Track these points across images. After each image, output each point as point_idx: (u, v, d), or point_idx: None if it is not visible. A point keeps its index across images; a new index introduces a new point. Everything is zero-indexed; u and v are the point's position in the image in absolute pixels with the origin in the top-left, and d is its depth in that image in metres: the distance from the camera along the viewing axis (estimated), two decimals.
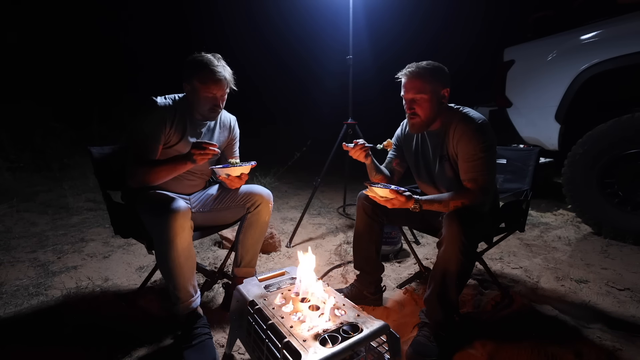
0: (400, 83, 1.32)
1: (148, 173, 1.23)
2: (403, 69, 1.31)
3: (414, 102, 1.28)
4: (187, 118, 1.36)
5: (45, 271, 1.81)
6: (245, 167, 1.25)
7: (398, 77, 1.32)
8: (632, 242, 2.22)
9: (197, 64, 1.26)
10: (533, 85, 2.74)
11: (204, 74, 1.25)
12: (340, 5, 2.46)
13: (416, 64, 1.29)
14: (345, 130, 2.50)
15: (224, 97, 1.35)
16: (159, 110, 1.29)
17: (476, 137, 1.21)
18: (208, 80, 1.25)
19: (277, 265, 1.98)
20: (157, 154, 1.29)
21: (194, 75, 1.26)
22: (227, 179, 1.28)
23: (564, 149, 2.60)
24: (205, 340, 1.15)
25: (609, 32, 2.28)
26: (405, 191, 1.16)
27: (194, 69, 1.26)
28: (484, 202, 1.22)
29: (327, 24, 6.16)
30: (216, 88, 1.27)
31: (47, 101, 5.03)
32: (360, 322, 0.88)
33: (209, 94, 1.27)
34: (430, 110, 1.27)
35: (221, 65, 1.29)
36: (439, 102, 1.28)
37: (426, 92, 1.25)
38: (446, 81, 1.29)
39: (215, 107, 1.31)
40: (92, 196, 3.28)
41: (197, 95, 1.29)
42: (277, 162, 4.15)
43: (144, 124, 1.27)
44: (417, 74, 1.26)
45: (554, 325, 1.35)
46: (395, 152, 1.58)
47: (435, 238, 1.27)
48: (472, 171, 1.22)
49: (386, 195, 1.16)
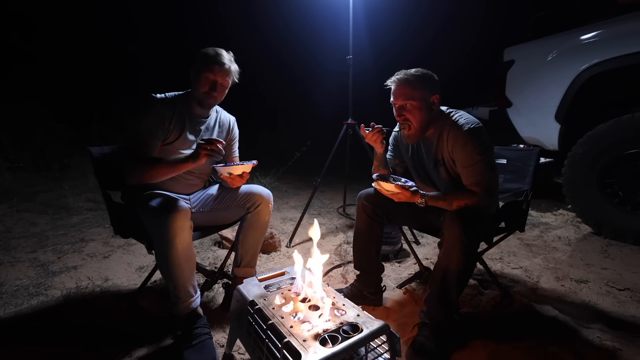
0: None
1: (147, 171, 1.23)
2: (392, 76, 1.32)
3: (404, 109, 1.29)
4: (186, 115, 1.36)
5: (45, 271, 1.81)
6: (247, 165, 1.26)
7: (387, 84, 1.33)
8: (632, 242, 2.22)
9: (209, 51, 1.32)
10: (533, 85, 2.74)
11: (210, 57, 1.30)
12: (340, 5, 2.46)
13: (404, 72, 1.30)
14: (345, 130, 2.50)
15: (223, 88, 1.36)
16: (157, 107, 1.29)
17: (470, 142, 1.21)
18: (212, 62, 1.29)
19: (277, 265, 1.98)
20: (155, 151, 1.29)
21: (201, 59, 1.31)
22: (229, 178, 1.28)
23: (564, 149, 2.60)
24: (205, 340, 1.15)
25: (609, 32, 2.28)
26: (412, 186, 1.18)
27: (204, 54, 1.31)
28: (489, 204, 1.23)
29: (327, 24, 6.16)
30: (218, 71, 1.30)
31: (47, 101, 5.03)
32: (360, 322, 0.88)
33: (209, 75, 1.30)
34: (420, 117, 1.28)
35: (229, 58, 1.34)
36: (429, 108, 1.29)
37: (415, 98, 1.26)
38: (435, 88, 1.29)
39: (211, 91, 1.32)
40: (92, 196, 3.28)
41: (198, 76, 1.31)
42: (277, 162, 4.15)
43: (142, 121, 1.27)
44: (406, 81, 1.28)
45: (554, 325, 1.35)
46: (394, 152, 1.58)
47: (435, 238, 1.27)
48: (473, 175, 1.22)
49: (392, 190, 1.17)
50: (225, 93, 1.39)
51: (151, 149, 1.28)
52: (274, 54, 8.47)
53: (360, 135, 1.53)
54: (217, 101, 1.38)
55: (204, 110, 1.40)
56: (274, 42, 8.22)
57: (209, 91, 1.32)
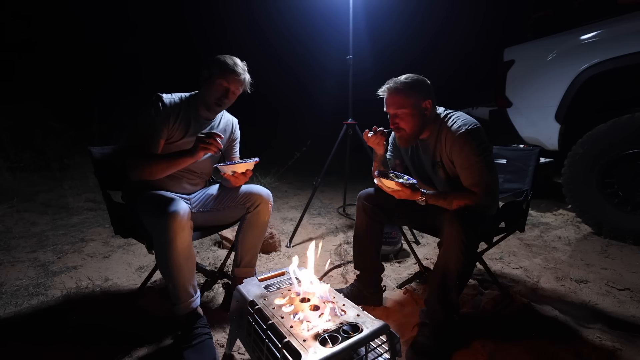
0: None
1: (150, 165, 1.24)
2: (383, 85, 1.33)
3: (397, 117, 1.30)
4: (192, 116, 1.38)
5: (45, 271, 1.81)
6: (250, 163, 1.27)
7: (379, 94, 1.34)
8: (632, 242, 2.22)
9: (226, 59, 1.35)
10: (533, 85, 2.74)
11: (227, 66, 1.33)
12: (340, 5, 2.46)
13: (394, 80, 1.31)
14: (345, 130, 2.50)
15: (234, 97, 1.39)
16: (164, 105, 1.32)
17: (467, 144, 1.22)
18: (229, 70, 1.32)
19: (277, 265, 1.98)
20: (159, 148, 1.31)
21: (216, 64, 1.33)
22: (233, 176, 1.29)
23: (564, 149, 2.60)
24: (205, 340, 1.15)
25: (609, 32, 2.28)
26: (413, 184, 1.20)
27: (222, 62, 1.33)
28: (489, 205, 1.23)
29: (327, 24, 6.16)
30: (233, 81, 1.34)
31: (47, 101, 5.03)
32: (360, 322, 0.88)
33: (224, 83, 1.33)
34: (413, 124, 1.29)
35: (244, 68, 1.38)
36: (422, 114, 1.30)
37: (407, 106, 1.27)
38: (426, 93, 1.30)
39: (222, 98, 1.35)
40: (92, 196, 3.28)
41: (211, 82, 1.33)
42: (277, 162, 4.15)
43: (148, 117, 1.29)
44: (396, 89, 1.29)
45: (554, 325, 1.35)
46: (393, 152, 1.59)
47: (435, 238, 1.27)
48: (472, 176, 1.23)
49: (393, 187, 1.19)
50: (233, 101, 1.41)
51: (155, 146, 1.29)
52: (274, 54, 8.48)
53: (361, 136, 1.53)
54: (225, 107, 1.42)
55: (211, 114, 1.42)
56: (274, 42, 8.23)
57: (220, 97, 1.35)
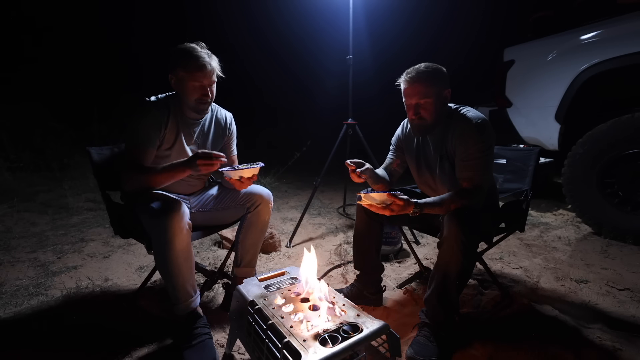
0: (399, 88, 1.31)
1: (146, 179, 1.21)
2: (402, 74, 1.30)
3: (420, 107, 1.27)
4: (179, 117, 1.32)
5: (45, 271, 1.81)
6: (256, 168, 1.24)
7: (398, 83, 1.31)
8: (632, 242, 2.22)
9: (180, 52, 1.22)
10: (533, 85, 2.74)
11: (187, 61, 1.21)
12: (340, 5, 2.46)
13: (415, 69, 1.27)
14: (345, 130, 2.50)
15: (212, 87, 1.29)
16: (153, 113, 1.26)
17: (474, 137, 1.21)
18: (192, 66, 1.20)
19: (277, 265, 1.98)
20: (152, 158, 1.28)
21: (178, 64, 1.22)
22: (239, 181, 1.24)
23: (564, 149, 2.60)
24: (205, 340, 1.15)
25: (609, 32, 2.28)
26: (407, 198, 1.12)
27: (178, 58, 1.22)
28: (478, 201, 1.23)
29: (327, 24, 6.17)
30: (202, 75, 1.22)
31: (47, 101, 5.03)
32: (360, 322, 0.88)
33: (195, 82, 1.22)
34: (435, 113, 1.28)
35: (205, 52, 1.24)
36: (443, 103, 1.29)
37: (430, 95, 1.25)
38: (446, 82, 1.29)
39: (203, 97, 1.26)
40: (92, 196, 3.28)
41: (183, 85, 1.24)
42: (277, 162, 4.15)
43: (139, 128, 1.24)
44: (419, 78, 1.25)
45: (554, 325, 1.35)
46: (395, 152, 1.57)
47: (435, 238, 1.27)
48: (468, 170, 1.23)
49: (384, 201, 1.10)
50: (215, 89, 1.32)
51: (148, 157, 1.26)
52: (274, 54, 8.49)
53: (361, 136, 1.52)
54: (211, 102, 1.33)
55: (199, 114, 1.35)
56: (274, 42, 8.24)
57: (200, 97, 1.26)
